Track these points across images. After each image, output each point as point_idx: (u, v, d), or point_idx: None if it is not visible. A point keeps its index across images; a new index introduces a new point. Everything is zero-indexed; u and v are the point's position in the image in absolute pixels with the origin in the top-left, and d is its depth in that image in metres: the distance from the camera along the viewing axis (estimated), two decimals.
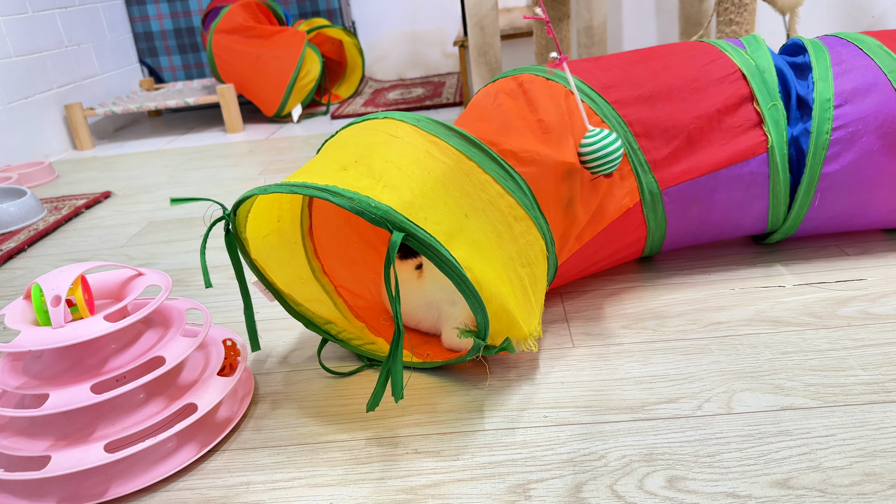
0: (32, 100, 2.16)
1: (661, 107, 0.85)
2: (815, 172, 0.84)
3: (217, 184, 1.68)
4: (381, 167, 0.67)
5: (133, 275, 0.75)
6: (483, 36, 1.74)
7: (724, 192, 0.87)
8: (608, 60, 0.91)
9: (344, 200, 0.62)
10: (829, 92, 0.84)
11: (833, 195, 0.87)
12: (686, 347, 0.77)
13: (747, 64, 0.87)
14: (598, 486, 0.59)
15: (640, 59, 0.90)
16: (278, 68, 2.26)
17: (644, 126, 0.84)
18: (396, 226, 0.61)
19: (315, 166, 0.70)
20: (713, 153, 0.85)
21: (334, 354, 0.84)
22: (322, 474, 0.64)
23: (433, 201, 0.66)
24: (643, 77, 0.87)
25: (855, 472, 0.57)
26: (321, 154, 0.75)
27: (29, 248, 1.38)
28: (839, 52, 0.87)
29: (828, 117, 0.83)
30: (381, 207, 0.62)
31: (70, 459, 0.62)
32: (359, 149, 0.71)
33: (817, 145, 0.83)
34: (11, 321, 0.67)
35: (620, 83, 0.86)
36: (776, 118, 0.85)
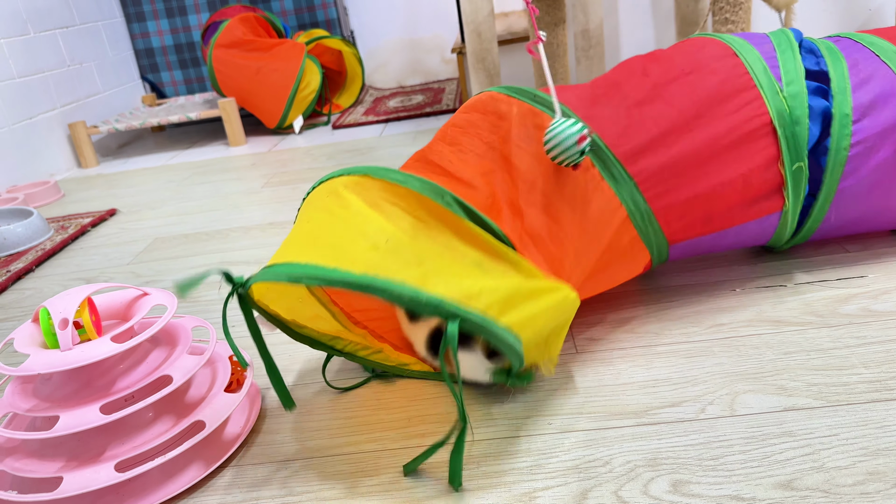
0: (36, 120, 2.18)
1: (685, 173, 0.79)
2: (832, 189, 0.82)
3: (221, 198, 1.69)
4: (417, 250, 0.63)
5: (139, 295, 0.75)
6: (480, 42, 1.75)
7: (730, 240, 0.87)
8: (638, 111, 0.80)
9: (392, 297, 0.57)
10: (847, 107, 0.81)
11: (847, 208, 0.85)
12: (688, 350, 0.77)
13: (781, 111, 0.79)
14: (603, 492, 0.59)
15: (670, 105, 0.80)
16: (278, 80, 2.27)
17: (666, 201, 0.79)
18: (450, 314, 0.57)
19: (336, 237, 0.64)
20: (728, 218, 0.83)
21: (339, 366, 0.85)
22: (330, 487, 0.64)
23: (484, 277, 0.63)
24: (672, 135, 0.78)
25: (858, 471, 0.57)
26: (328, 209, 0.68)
27: (37, 269, 1.39)
28: (855, 59, 0.84)
29: (846, 133, 0.80)
30: (432, 301, 0.57)
31: (81, 480, 0.63)
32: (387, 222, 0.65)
33: (836, 162, 0.80)
34: (20, 345, 0.68)
35: (647, 147, 0.78)
36: (798, 180, 0.81)
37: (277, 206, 1.55)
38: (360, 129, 2.29)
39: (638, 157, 0.77)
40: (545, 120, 0.76)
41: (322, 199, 0.70)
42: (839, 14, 2.01)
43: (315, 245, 0.63)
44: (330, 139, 2.20)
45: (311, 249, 0.63)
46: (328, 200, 0.69)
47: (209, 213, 1.58)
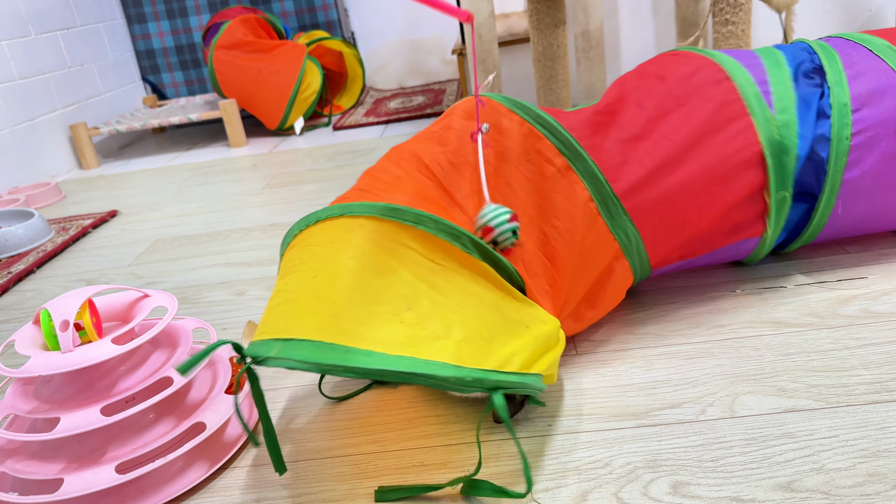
0: (37, 121, 2.18)
1: (676, 204, 0.79)
2: (837, 180, 0.81)
3: (222, 199, 1.70)
4: (440, 315, 0.60)
5: (139, 296, 0.76)
6: (481, 44, 1.75)
7: (704, 261, 0.89)
8: (635, 146, 0.79)
9: (437, 382, 0.55)
10: (845, 96, 0.81)
11: (854, 201, 0.84)
12: (688, 352, 0.77)
13: (771, 140, 0.79)
14: (603, 493, 0.59)
15: (665, 139, 0.79)
16: (279, 82, 2.27)
17: (656, 234, 0.79)
18: (492, 387, 0.57)
19: (354, 304, 0.59)
20: (710, 243, 0.84)
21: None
22: (331, 489, 0.65)
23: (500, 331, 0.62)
24: (667, 167, 0.78)
25: (858, 472, 0.57)
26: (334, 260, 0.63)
27: (38, 270, 1.40)
28: (849, 54, 0.85)
29: (846, 122, 0.80)
30: (476, 377, 0.56)
31: (82, 482, 0.63)
32: (397, 284, 0.61)
33: (838, 152, 0.80)
34: (21, 346, 0.68)
35: (644, 183, 0.77)
36: (781, 208, 0.82)
37: (278, 208, 1.55)
38: (360, 131, 2.29)
39: (634, 193, 0.77)
40: (546, 147, 0.75)
41: (323, 244, 0.65)
42: (839, 15, 2.01)
43: (332, 315, 0.58)
44: (331, 140, 2.20)
45: (328, 320, 0.57)
46: (333, 249, 0.64)
47: (210, 215, 1.58)
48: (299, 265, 0.64)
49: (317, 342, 0.55)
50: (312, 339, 0.55)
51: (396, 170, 0.74)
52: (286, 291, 0.62)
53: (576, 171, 0.75)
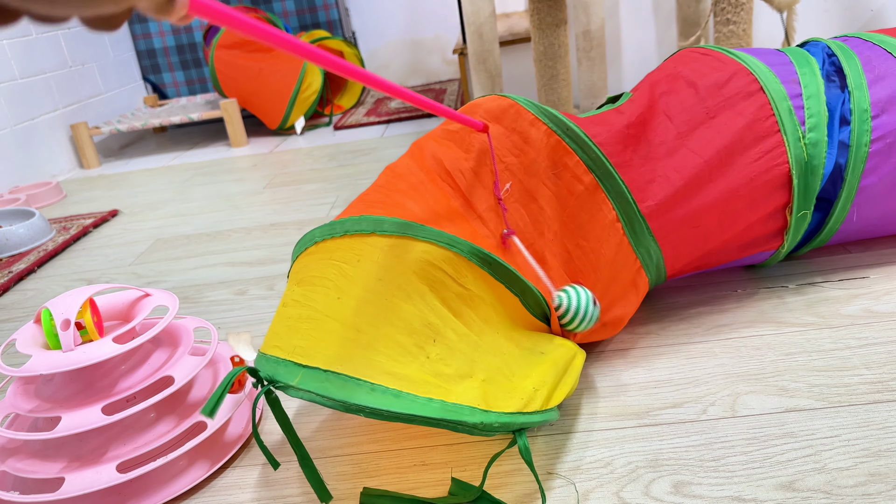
0: (38, 120, 2.18)
1: (700, 224, 0.78)
2: (853, 187, 0.80)
3: (223, 199, 1.70)
4: (465, 351, 0.60)
5: (140, 296, 0.76)
6: (482, 43, 1.75)
7: (716, 269, 0.89)
8: (663, 164, 0.77)
9: (466, 428, 0.54)
10: (865, 102, 0.80)
11: (869, 207, 0.84)
12: (690, 351, 0.77)
13: (800, 160, 0.77)
14: (604, 493, 0.59)
15: (695, 154, 0.77)
16: (280, 81, 2.27)
17: (677, 250, 0.79)
18: (518, 430, 0.57)
19: (380, 333, 0.58)
20: (727, 256, 0.84)
21: None
22: (332, 488, 0.64)
23: (518, 364, 0.63)
24: (695, 185, 0.77)
25: (860, 472, 0.57)
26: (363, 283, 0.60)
27: (39, 269, 1.40)
28: (868, 56, 0.84)
29: (866, 129, 0.79)
30: (502, 422, 0.55)
31: (83, 481, 0.63)
32: (426, 310, 0.60)
33: (857, 159, 0.80)
34: (22, 345, 0.68)
35: (671, 202, 0.76)
36: (800, 225, 0.82)
37: (279, 207, 1.55)
38: (361, 130, 2.29)
39: (661, 213, 0.76)
40: (575, 164, 0.73)
41: (351, 263, 0.62)
42: (840, 15, 2.01)
43: (357, 344, 0.57)
44: (331, 140, 2.20)
45: (354, 351, 0.56)
46: (361, 269, 0.61)
47: (211, 214, 1.58)
48: (321, 279, 0.62)
49: (343, 376, 0.54)
50: (336, 370, 0.54)
51: (420, 173, 0.70)
52: (306, 307, 0.60)
53: (604, 189, 0.73)
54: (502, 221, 0.71)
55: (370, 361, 0.56)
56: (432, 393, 0.55)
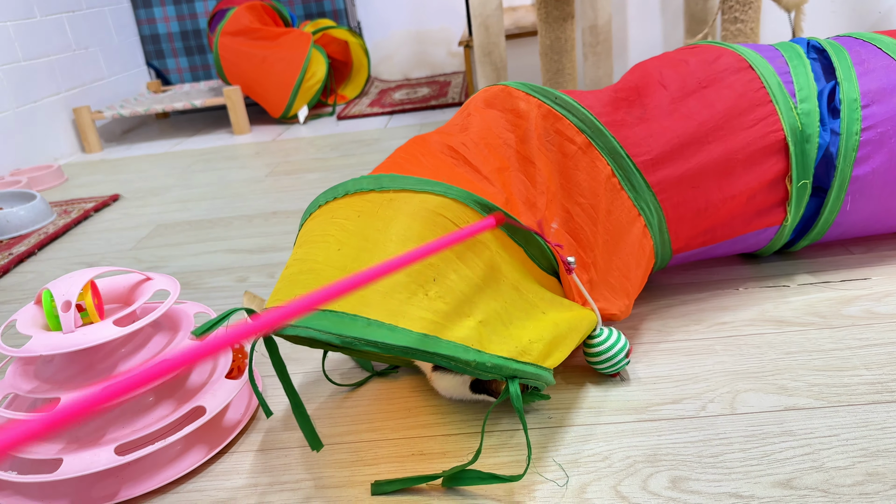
0: (41, 103, 2.18)
1: (700, 185, 0.79)
2: (846, 175, 0.81)
3: (225, 186, 1.69)
4: (465, 291, 0.60)
5: (141, 279, 0.75)
6: (488, 36, 1.75)
7: (723, 250, 0.88)
8: (658, 124, 0.79)
9: (459, 365, 0.55)
10: (855, 92, 0.81)
11: (864, 199, 0.84)
12: (690, 348, 0.77)
13: (794, 128, 0.80)
14: (601, 486, 0.59)
15: (689, 119, 0.79)
16: (284, 70, 2.27)
17: (678, 211, 0.80)
18: (509, 376, 0.57)
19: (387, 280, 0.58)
20: (732, 229, 0.84)
21: (343, 366, 0.85)
22: (329, 476, 0.65)
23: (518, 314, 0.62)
24: (692, 147, 0.78)
25: (858, 472, 0.57)
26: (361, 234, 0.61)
27: (39, 252, 1.39)
28: (858, 51, 0.85)
29: (856, 118, 0.80)
30: (497, 364, 0.56)
31: (81, 462, 0.63)
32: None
33: (847, 147, 0.80)
34: (23, 326, 0.68)
35: (667, 158, 0.78)
36: (801, 196, 0.83)
37: (281, 196, 1.54)
38: (365, 121, 2.28)
39: (657, 168, 0.77)
40: (566, 126, 0.75)
41: (351, 218, 0.63)
42: (848, 16, 2.01)
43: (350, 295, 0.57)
44: (335, 130, 2.20)
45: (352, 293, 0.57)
46: (361, 223, 0.63)
47: (212, 201, 1.57)
48: (322, 236, 0.63)
49: (339, 313, 0.55)
50: (334, 309, 0.55)
51: (422, 149, 0.72)
52: (307, 261, 0.62)
53: (597, 147, 0.75)
54: (510, 182, 0.71)
55: (367, 300, 0.56)
56: (428, 329, 0.55)
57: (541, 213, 0.71)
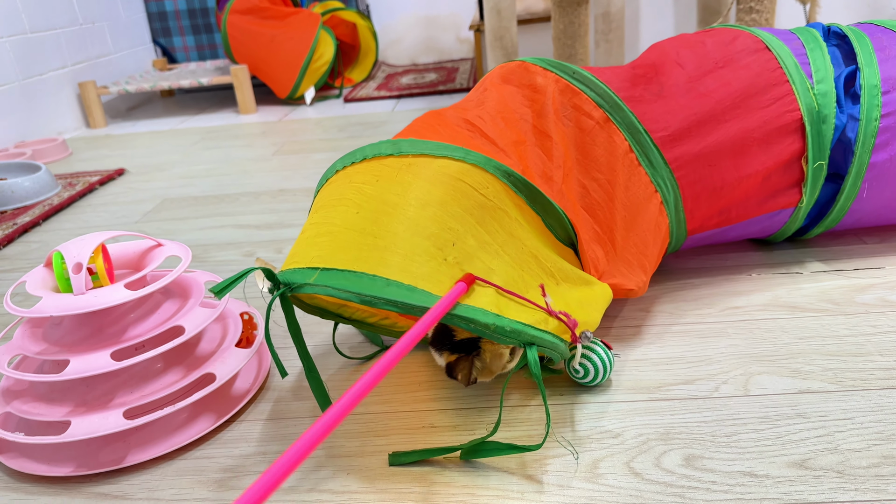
0: (47, 77, 2.16)
1: (716, 164, 0.79)
2: (864, 161, 0.80)
3: (230, 163, 1.68)
4: (483, 258, 0.59)
5: (153, 245, 0.75)
6: (500, 20, 1.73)
7: (739, 231, 0.88)
8: (675, 102, 0.79)
9: (478, 327, 0.55)
10: (875, 78, 0.80)
11: (881, 187, 0.83)
12: (703, 331, 0.77)
13: (810, 107, 0.80)
14: (614, 462, 0.59)
15: (707, 97, 0.80)
16: (292, 50, 2.25)
17: (695, 189, 0.79)
18: (528, 342, 0.57)
19: (397, 237, 0.57)
20: (746, 211, 0.83)
21: (352, 340, 0.84)
22: (339, 445, 0.64)
23: (536, 283, 0.62)
24: (709, 125, 0.79)
25: (873, 454, 0.57)
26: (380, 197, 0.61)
27: (44, 223, 1.39)
28: (880, 38, 0.84)
29: (876, 104, 0.80)
30: (515, 329, 0.56)
31: (89, 425, 0.63)
32: (445, 216, 0.59)
33: (866, 133, 0.80)
34: (33, 287, 0.67)
35: (685, 135, 0.78)
36: (817, 177, 0.82)
37: (288, 174, 1.53)
38: (371, 104, 2.27)
39: (674, 144, 0.77)
40: (584, 101, 0.75)
41: (370, 182, 0.63)
42: (861, 10, 1.99)
43: (375, 247, 0.57)
44: (341, 112, 2.19)
45: (370, 253, 0.56)
46: (380, 187, 0.62)
47: (219, 178, 1.57)
48: (340, 200, 0.63)
49: (357, 273, 0.55)
50: (353, 269, 0.55)
51: (439, 121, 0.72)
52: (324, 224, 0.61)
53: (614, 121, 0.75)
54: (526, 156, 0.70)
55: (386, 262, 0.56)
56: (447, 292, 0.55)
57: (557, 186, 0.70)
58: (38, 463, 0.65)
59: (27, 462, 0.65)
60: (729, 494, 0.54)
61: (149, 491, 0.61)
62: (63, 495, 0.62)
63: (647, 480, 0.56)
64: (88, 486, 0.63)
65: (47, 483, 0.64)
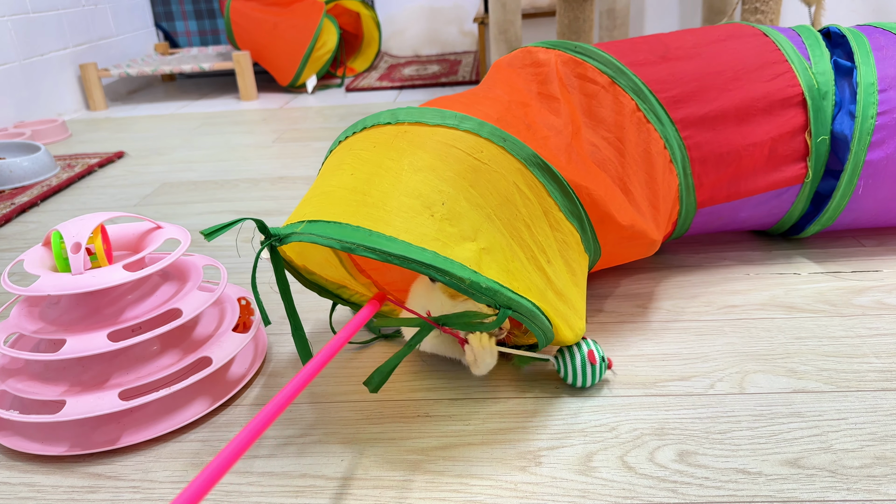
0: (48, 57, 2.15)
1: (722, 128, 0.81)
2: (860, 158, 0.81)
3: (230, 149, 1.68)
4: (473, 217, 0.60)
5: (152, 227, 0.75)
6: (504, 13, 1.73)
7: (749, 211, 0.88)
8: (677, 59, 0.83)
9: (453, 280, 0.55)
10: (872, 76, 0.81)
11: (876, 185, 0.84)
12: (700, 328, 0.77)
13: (810, 85, 0.82)
14: (608, 456, 0.59)
15: (710, 64, 0.83)
16: (295, 38, 2.24)
17: (702, 151, 0.81)
18: (504, 304, 0.58)
19: (387, 196, 0.59)
20: (755, 182, 0.84)
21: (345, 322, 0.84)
22: (334, 432, 0.64)
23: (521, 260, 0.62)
24: (713, 89, 0.81)
25: (866, 455, 0.57)
26: (375, 161, 0.62)
27: (42, 203, 1.38)
28: (878, 38, 0.86)
29: (872, 101, 0.81)
30: (491, 288, 0.56)
31: (84, 405, 0.63)
32: (435, 180, 0.60)
33: (862, 130, 0.81)
34: (30, 266, 0.67)
35: (689, 98, 0.80)
36: (821, 152, 0.84)
37: (288, 161, 1.53)
38: (373, 94, 2.26)
39: (679, 105, 0.80)
40: (588, 69, 0.78)
41: (367, 149, 0.64)
42: (866, 14, 1.99)
43: (363, 204, 0.58)
44: (342, 101, 2.18)
45: (358, 208, 0.58)
46: (376, 152, 0.63)
47: (218, 163, 1.56)
48: (338, 166, 0.65)
49: (343, 224, 0.57)
50: (339, 220, 0.57)
51: (447, 98, 0.74)
52: (320, 187, 0.64)
53: (620, 85, 0.78)
54: (531, 113, 0.71)
55: (372, 216, 0.57)
56: (428, 245, 0.56)
57: (566, 140, 0.71)
58: (32, 442, 0.65)
59: (21, 440, 0.65)
60: (722, 490, 0.54)
61: (142, 472, 0.61)
62: (56, 474, 0.62)
63: (641, 474, 0.57)
64: (82, 466, 0.63)
65: (41, 462, 0.64)
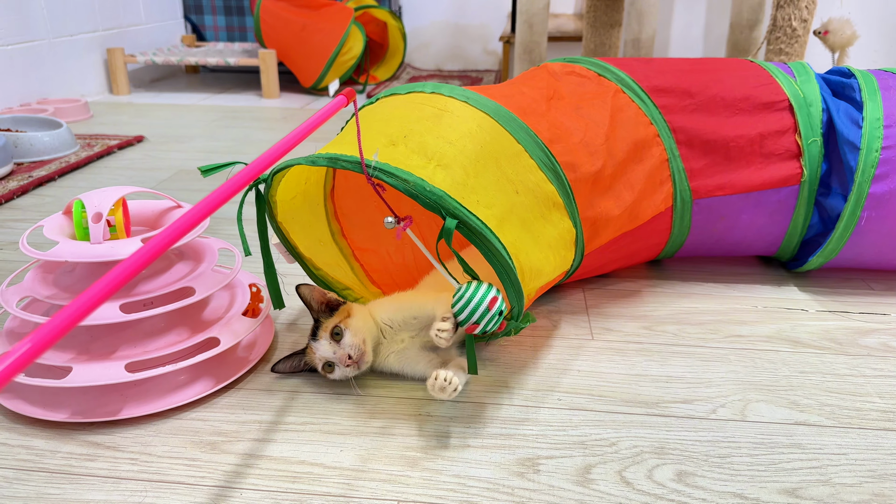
0: (77, 38, 2.18)
1: (706, 118, 0.86)
2: (863, 190, 0.83)
3: (249, 143, 1.69)
4: (433, 144, 0.65)
5: (172, 206, 0.75)
6: (531, 34, 1.75)
7: (750, 213, 0.88)
8: (660, 64, 0.92)
9: (398, 182, 0.60)
10: (878, 111, 0.83)
11: (880, 218, 0.84)
12: (704, 354, 0.77)
13: (796, 95, 0.88)
14: (606, 470, 0.59)
15: (692, 69, 0.91)
16: (322, 41, 2.27)
17: (687, 135, 0.85)
18: (450, 212, 0.59)
19: (366, 135, 0.67)
20: (749, 175, 0.86)
21: None
22: (335, 423, 0.64)
23: (486, 179, 0.65)
24: (694, 86, 0.87)
25: (864, 491, 0.57)
26: (364, 124, 0.70)
27: (59, 179, 1.39)
28: (886, 79, 0.88)
29: (877, 136, 0.82)
30: (435, 192, 0.59)
31: (90, 373, 0.63)
32: (406, 123, 0.68)
33: (866, 163, 0.82)
34: (50, 232, 0.68)
35: (671, 89, 0.87)
36: (814, 154, 0.86)
37: None
38: None
39: (660, 95, 0.86)
40: (579, 69, 0.89)
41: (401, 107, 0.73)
42: (888, 59, 2.01)
43: (344, 142, 0.67)
44: None
45: (342, 147, 0.66)
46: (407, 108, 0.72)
47: (236, 155, 1.57)
48: (349, 129, 0.72)
49: (328, 153, 0.65)
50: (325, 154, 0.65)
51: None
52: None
53: (606, 77, 0.87)
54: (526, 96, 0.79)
55: (342, 149, 0.65)
56: (383, 158, 0.62)
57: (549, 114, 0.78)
58: (35, 406, 0.65)
59: (24, 404, 0.66)
60: None
61: (141, 445, 0.61)
62: (56, 440, 0.62)
63: (638, 490, 0.57)
64: (82, 434, 0.63)
65: (42, 426, 0.64)
